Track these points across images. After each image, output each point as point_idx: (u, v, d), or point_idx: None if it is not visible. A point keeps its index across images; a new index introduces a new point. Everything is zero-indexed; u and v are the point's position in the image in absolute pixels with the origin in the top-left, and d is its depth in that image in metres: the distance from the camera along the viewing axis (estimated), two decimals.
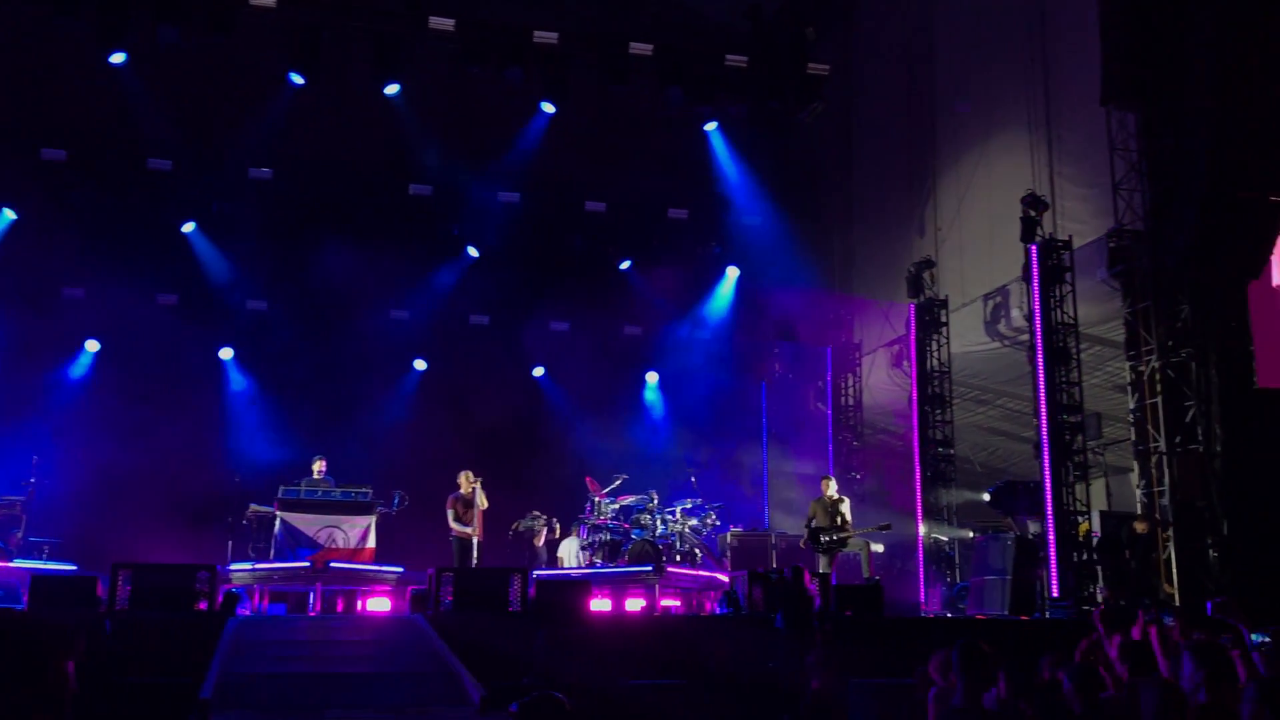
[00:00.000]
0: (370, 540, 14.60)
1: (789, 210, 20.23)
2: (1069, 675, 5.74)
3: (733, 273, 20.75)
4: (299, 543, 14.24)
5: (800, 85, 18.13)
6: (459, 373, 19.08)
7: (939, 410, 17.85)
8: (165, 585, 10.61)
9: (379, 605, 13.31)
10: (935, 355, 17.98)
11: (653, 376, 20.77)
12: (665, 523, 15.61)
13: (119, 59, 16.36)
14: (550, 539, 16.60)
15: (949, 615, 15.10)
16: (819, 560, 14.54)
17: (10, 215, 17.46)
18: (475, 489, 14.37)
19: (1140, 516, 13.54)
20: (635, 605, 13.81)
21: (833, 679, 8.48)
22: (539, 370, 20.27)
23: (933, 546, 17.24)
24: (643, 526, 15.42)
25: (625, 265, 20.40)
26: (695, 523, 15.96)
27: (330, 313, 18.62)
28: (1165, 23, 13.74)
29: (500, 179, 19.13)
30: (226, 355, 18.67)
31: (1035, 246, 14.92)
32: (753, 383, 21.42)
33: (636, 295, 20.33)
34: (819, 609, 11.29)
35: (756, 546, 16.72)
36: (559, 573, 15.28)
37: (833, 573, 14.04)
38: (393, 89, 17.37)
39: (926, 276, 18.29)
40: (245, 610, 12.18)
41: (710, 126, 19.24)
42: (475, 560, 14.14)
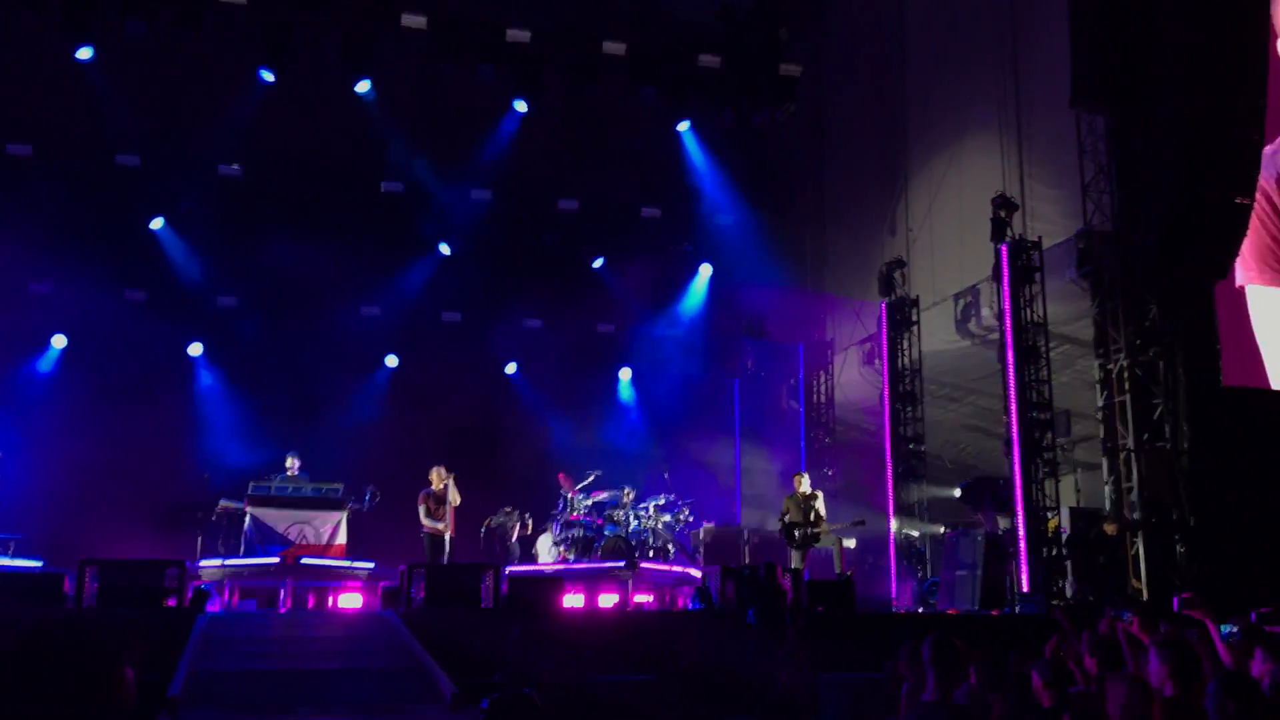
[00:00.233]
0: (341, 536, 14.56)
1: (762, 209, 20.32)
2: (1039, 670, 5.80)
3: (705, 271, 20.83)
4: (269, 539, 14.17)
5: (773, 85, 18.18)
6: (431, 369, 19.03)
7: (910, 407, 17.96)
8: (133, 582, 10.55)
9: (350, 601, 13.26)
10: (906, 353, 18.09)
11: (626, 373, 20.82)
12: (638, 519, 15.63)
13: (86, 53, 16.21)
14: (523, 535, 16.60)
15: (920, 610, 15.20)
16: (791, 556, 14.61)
17: None
18: (447, 485, 14.36)
19: (1109, 518, 13.66)
20: (608, 601, 13.83)
21: (801, 674, 8.53)
22: (511, 367, 20.25)
23: (904, 542, 17.36)
24: (616, 522, 15.44)
25: (598, 263, 20.43)
26: (668, 518, 15.99)
27: (301, 309, 18.49)
28: (1134, 26, 13.85)
29: (472, 176, 19.09)
30: (196, 351, 18.54)
31: (1005, 246, 15.04)
32: (726, 380, 21.50)
33: (609, 293, 20.37)
34: (791, 604, 11.35)
35: (729, 542, 16.78)
36: (532, 569, 15.29)
37: (805, 568, 14.11)
38: (364, 86, 17.29)
39: (898, 275, 18.40)
40: (215, 607, 12.09)
41: (683, 125, 19.28)
42: (447, 556, 14.12)
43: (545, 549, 15.88)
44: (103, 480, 16.05)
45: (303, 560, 13.76)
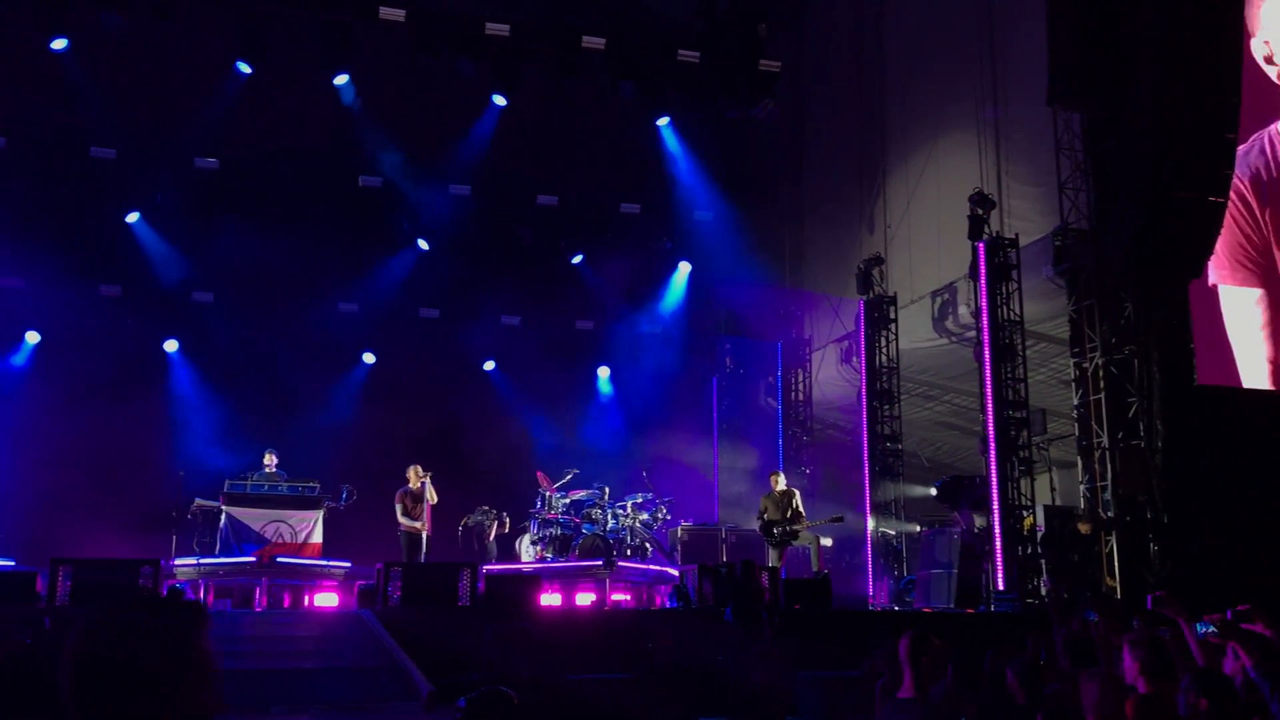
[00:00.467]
0: (317, 535, 14.48)
1: (740, 205, 20.32)
2: (1013, 668, 5.83)
3: (684, 268, 20.83)
4: (244, 537, 14.08)
5: (752, 82, 18.16)
6: (408, 366, 18.96)
7: (887, 406, 17.99)
8: (107, 581, 10.44)
9: (326, 600, 13.18)
10: (884, 351, 18.12)
11: (604, 371, 20.78)
12: (616, 517, 15.62)
13: (60, 44, 16.01)
14: (500, 533, 16.56)
15: (896, 609, 15.25)
16: (769, 554, 14.62)
17: None
18: (424, 483, 14.30)
19: (1083, 517, 13.73)
20: (586, 600, 13.81)
21: (778, 671, 8.54)
22: (489, 364, 20.19)
23: (880, 540, 17.40)
24: (593, 521, 15.42)
25: (577, 259, 20.39)
26: (646, 517, 15.99)
27: (278, 305, 18.38)
28: (1111, 26, 13.92)
29: (451, 171, 19.01)
30: (171, 348, 18.40)
31: (982, 244, 15.09)
32: (704, 377, 21.49)
33: (588, 289, 20.34)
34: (768, 602, 11.37)
35: (707, 541, 16.77)
36: (509, 567, 15.26)
37: (782, 566, 14.13)
38: (342, 79, 17.18)
39: (876, 273, 18.43)
40: None
41: (662, 121, 19.26)
42: (424, 555, 14.07)
43: (525, 548, 15.86)
44: (76, 478, 15.89)
45: (278, 559, 13.69)
